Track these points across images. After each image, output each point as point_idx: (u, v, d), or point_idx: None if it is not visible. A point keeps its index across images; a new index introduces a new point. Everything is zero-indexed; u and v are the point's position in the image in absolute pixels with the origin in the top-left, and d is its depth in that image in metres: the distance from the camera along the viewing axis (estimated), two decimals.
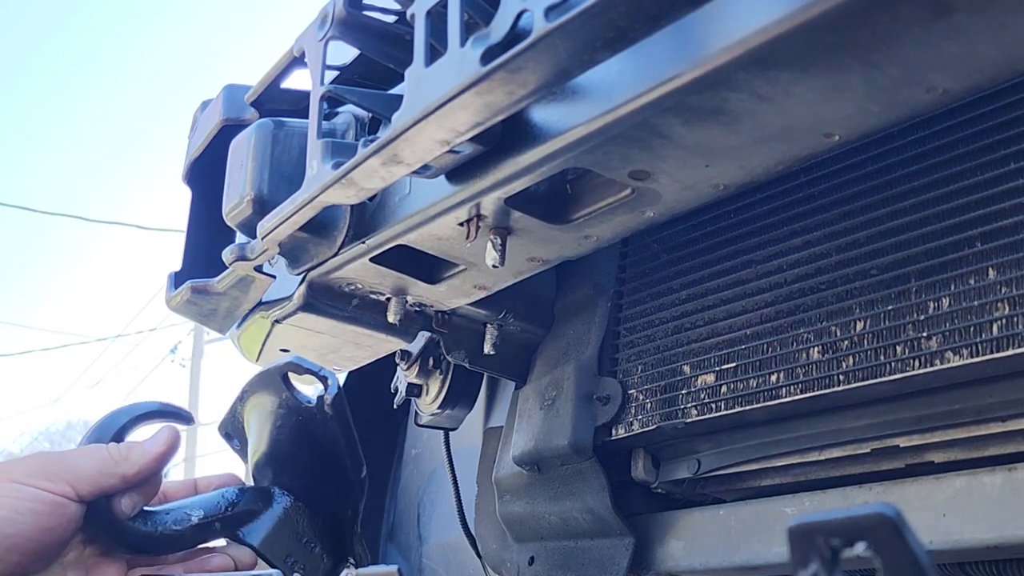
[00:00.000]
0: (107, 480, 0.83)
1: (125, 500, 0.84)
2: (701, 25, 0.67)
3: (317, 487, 0.95)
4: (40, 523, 0.79)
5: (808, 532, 0.44)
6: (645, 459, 1.15)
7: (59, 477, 0.81)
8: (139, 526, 0.86)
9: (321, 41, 0.90)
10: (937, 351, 0.86)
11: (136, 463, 0.85)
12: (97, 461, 0.83)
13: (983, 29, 0.61)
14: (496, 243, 0.97)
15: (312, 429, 0.94)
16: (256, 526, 0.91)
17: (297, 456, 0.95)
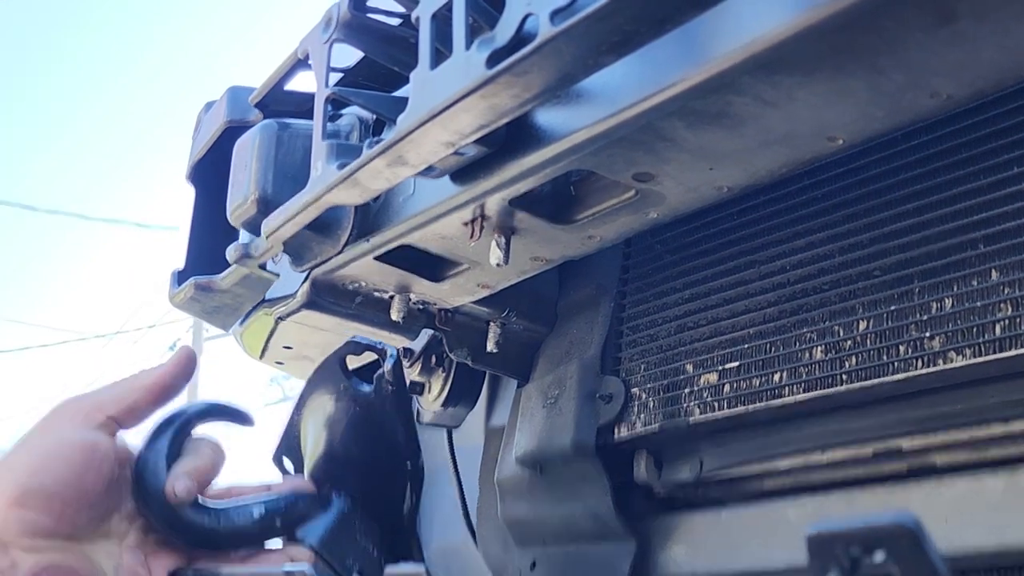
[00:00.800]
0: (131, 395, 0.82)
1: (179, 484, 0.81)
2: (706, 29, 0.67)
3: (374, 486, 0.95)
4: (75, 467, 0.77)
5: (827, 540, 0.44)
6: (647, 460, 1.15)
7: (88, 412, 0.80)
8: (201, 520, 0.85)
9: (326, 43, 0.90)
10: (940, 351, 0.86)
11: (152, 374, 0.85)
12: (114, 386, 0.83)
13: (987, 35, 0.61)
14: (500, 242, 0.98)
15: (370, 419, 0.93)
16: (315, 527, 0.90)
17: (355, 455, 0.95)
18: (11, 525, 0.73)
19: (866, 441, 0.96)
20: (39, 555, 0.74)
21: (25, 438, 0.79)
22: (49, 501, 0.75)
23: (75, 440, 0.78)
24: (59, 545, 0.75)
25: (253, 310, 1.33)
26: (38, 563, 0.73)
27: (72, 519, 0.76)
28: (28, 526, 0.73)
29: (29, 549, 0.73)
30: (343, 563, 0.90)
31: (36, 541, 0.74)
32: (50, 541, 0.74)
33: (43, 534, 0.74)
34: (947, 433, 0.90)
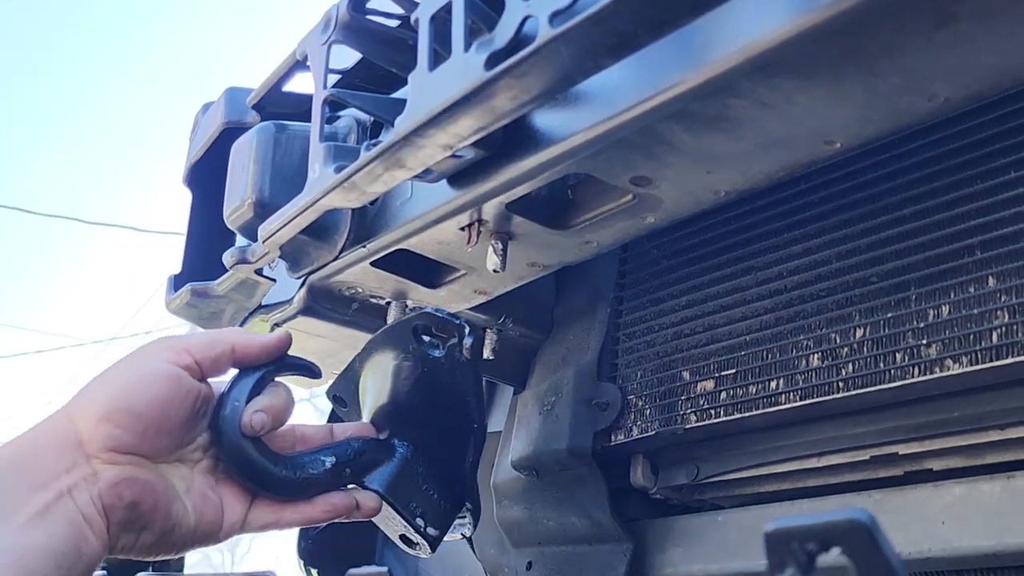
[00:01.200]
0: (217, 348, 0.87)
1: (256, 417, 0.87)
2: (704, 32, 0.67)
3: (436, 437, 0.97)
4: (161, 391, 0.82)
5: (784, 537, 0.45)
6: (644, 465, 1.15)
7: (179, 349, 0.85)
8: (278, 470, 0.89)
9: (324, 45, 0.90)
10: (936, 359, 0.86)
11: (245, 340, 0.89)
12: (207, 335, 0.89)
13: (985, 38, 0.62)
14: (497, 248, 0.97)
15: (437, 379, 0.96)
16: (380, 473, 0.94)
17: (418, 407, 0.98)
18: (97, 438, 0.79)
19: (862, 447, 0.96)
20: (119, 467, 0.80)
21: (117, 363, 0.85)
22: (134, 420, 0.81)
23: (164, 371, 0.83)
24: (137, 461, 0.81)
25: (250, 315, 1.33)
26: (117, 475, 0.79)
27: (152, 440, 0.82)
28: (112, 440, 0.80)
29: (109, 461, 0.79)
30: (407, 507, 0.94)
31: (117, 456, 0.80)
32: (129, 457, 0.80)
33: (124, 449, 0.80)
34: (943, 439, 0.90)
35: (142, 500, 0.81)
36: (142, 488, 0.81)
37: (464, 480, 0.97)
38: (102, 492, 0.79)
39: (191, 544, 0.86)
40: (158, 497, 0.82)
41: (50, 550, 0.74)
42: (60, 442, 0.80)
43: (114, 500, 0.79)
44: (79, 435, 0.80)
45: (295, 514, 0.91)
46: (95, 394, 0.82)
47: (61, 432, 0.80)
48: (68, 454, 0.79)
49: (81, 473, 0.78)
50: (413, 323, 0.95)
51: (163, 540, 0.84)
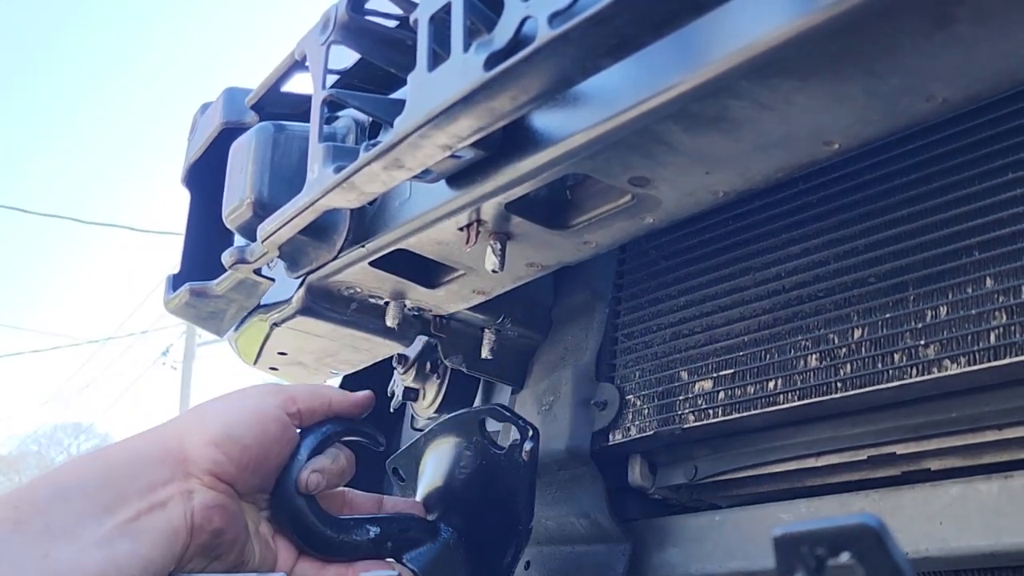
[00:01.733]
0: (318, 402, 0.92)
1: (312, 477, 0.90)
2: (704, 33, 0.67)
3: (481, 529, 1.00)
4: (266, 431, 0.87)
5: (793, 541, 0.45)
6: (642, 465, 1.15)
7: (284, 395, 0.90)
8: (324, 530, 0.92)
9: (323, 45, 0.90)
10: (935, 359, 0.86)
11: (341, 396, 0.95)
12: (311, 387, 0.94)
13: (984, 39, 0.62)
14: (496, 248, 0.97)
15: (493, 474, 0.99)
16: (421, 553, 0.97)
17: (470, 497, 1.01)
18: (203, 459, 0.84)
19: (860, 447, 0.96)
20: (215, 493, 0.84)
21: (232, 396, 0.90)
22: (241, 453, 0.85)
23: (275, 415, 0.88)
24: (230, 492, 0.85)
25: (248, 316, 1.33)
26: (213, 499, 0.83)
27: (249, 477, 0.86)
28: (216, 466, 0.84)
29: (208, 485, 0.84)
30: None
31: (216, 481, 0.84)
32: (225, 486, 0.85)
33: (224, 478, 0.84)
34: (941, 439, 0.90)
35: (227, 529, 0.84)
36: (230, 518, 0.85)
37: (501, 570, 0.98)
38: (195, 510, 0.82)
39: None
40: (239, 532, 0.86)
41: (140, 555, 0.77)
42: (164, 454, 0.84)
43: (203, 522, 0.83)
44: (185, 452, 0.84)
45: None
46: (209, 419, 0.87)
47: (168, 445, 0.84)
48: (169, 467, 0.83)
49: (179, 488, 0.82)
50: (481, 415, 0.99)
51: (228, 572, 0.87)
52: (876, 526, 0.43)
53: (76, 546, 0.75)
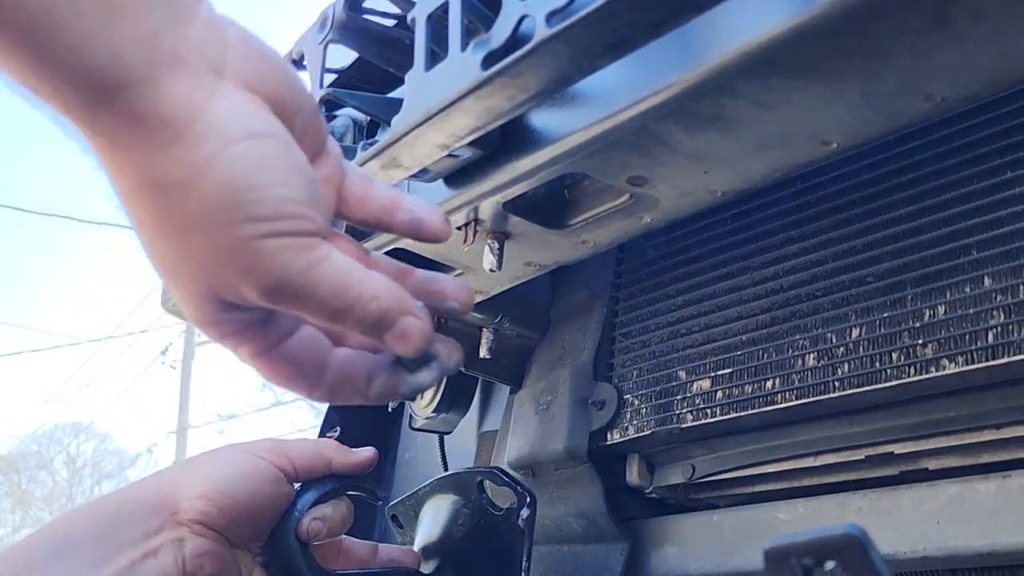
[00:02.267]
0: (317, 461, 0.92)
1: (313, 524, 0.90)
2: (701, 32, 0.67)
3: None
4: (258, 486, 0.88)
5: (782, 552, 0.48)
6: (640, 464, 1.15)
7: (280, 453, 0.90)
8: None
9: (320, 44, 0.90)
10: (932, 358, 0.86)
11: (342, 456, 0.94)
12: (311, 447, 0.93)
13: (983, 38, 0.62)
14: (494, 247, 0.97)
15: (490, 533, 1.00)
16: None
17: (467, 553, 1.02)
18: (192, 510, 0.84)
19: (858, 446, 0.96)
20: (204, 540, 0.85)
21: (228, 451, 0.91)
22: (231, 506, 0.86)
23: (268, 472, 0.89)
24: (220, 539, 0.86)
25: None
26: (202, 546, 0.84)
27: (239, 528, 0.87)
28: (205, 516, 0.84)
29: (198, 533, 0.85)
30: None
31: (205, 530, 0.85)
32: (215, 534, 0.86)
33: (213, 527, 0.85)
34: (939, 439, 0.90)
35: (219, 575, 0.86)
36: (221, 564, 0.86)
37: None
38: (187, 558, 0.84)
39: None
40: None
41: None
42: (157, 504, 0.85)
43: (195, 569, 0.84)
44: (176, 503, 0.85)
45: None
46: (201, 472, 0.88)
47: (161, 495, 0.86)
48: (159, 517, 0.84)
49: (169, 536, 0.83)
50: (480, 476, 1.00)
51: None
52: (859, 535, 0.46)
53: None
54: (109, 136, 0.56)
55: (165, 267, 0.62)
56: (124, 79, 0.54)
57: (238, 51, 0.59)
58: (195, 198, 0.56)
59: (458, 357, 0.74)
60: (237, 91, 0.58)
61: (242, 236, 0.57)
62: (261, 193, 0.57)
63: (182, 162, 0.55)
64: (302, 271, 0.59)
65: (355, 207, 0.69)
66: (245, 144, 0.56)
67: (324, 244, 0.60)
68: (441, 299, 0.72)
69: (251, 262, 0.58)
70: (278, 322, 0.68)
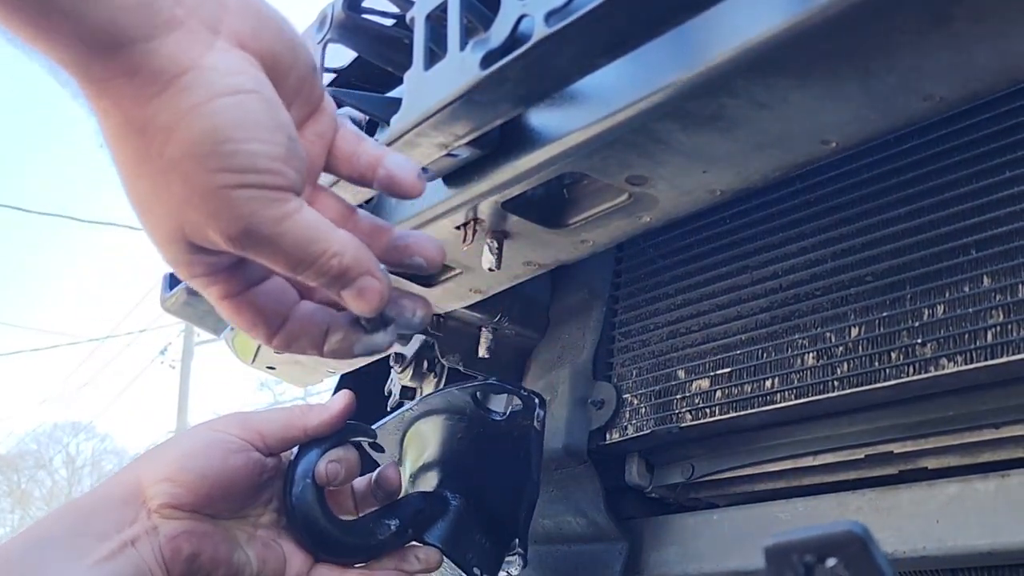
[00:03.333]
0: (291, 432, 0.90)
1: (331, 467, 0.89)
2: (700, 31, 0.67)
3: (489, 488, 1.00)
4: (229, 461, 0.85)
5: (783, 550, 0.48)
6: (639, 463, 1.15)
7: (249, 428, 0.88)
8: (348, 538, 0.92)
9: (319, 43, 0.90)
10: (931, 358, 0.86)
11: (316, 418, 0.91)
12: (282, 416, 0.91)
13: (981, 38, 0.62)
14: (493, 247, 0.97)
15: (495, 440, 0.98)
16: (438, 529, 0.97)
17: (472, 463, 1.00)
18: (158, 495, 0.84)
19: (857, 446, 0.96)
20: (177, 522, 0.84)
21: (190, 432, 0.89)
22: (198, 482, 0.84)
23: (232, 444, 0.87)
24: (197, 517, 0.85)
25: None
26: (175, 528, 0.83)
27: (215, 503, 0.85)
28: (171, 498, 0.83)
29: (169, 516, 0.83)
30: (464, 559, 0.98)
31: (176, 511, 0.84)
32: (189, 513, 0.84)
33: (183, 507, 0.84)
34: (938, 438, 0.90)
35: (200, 552, 0.84)
36: (199, 540, 0.84)
37: (516, 524, 0.99)
38: (162, 545, 0.83)
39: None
40: (217, 547, 0.86)
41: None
42: (125, 496, 0.84)
43: (173, 553, 0.83)
44: (143, 491, 0.84)
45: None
46: (163, 456, 0.87)
47: (128, 487, 0.85)
48: (132, 508, 0.83)
49: (143, 526, 0.83)
50: (474, 390, 0.97)
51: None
52: (861, 533, 0.45)
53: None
54: (101, 86, 0.58)
55: (141, 206, 0.64)
56: (120, 40, 0.56)
57: (235, 10, 0.61)
58: (175, 143, 0.59)
59: (423, 314, 0.74)
60: (231, 49, 0.60)
61: (215, 184, 0.59)
62: (237, 146, 0.59)
63: (167, 109, 0.58)
64: (268, 223, 0.61)
65: (343, 163, 0.70)
66: (229, 99, 0.59)
67: (295, 200, 0.62)
68: (408, 254, 0.72)
69: (220, 209, 0.60)
70: (247, 269, 0.70)
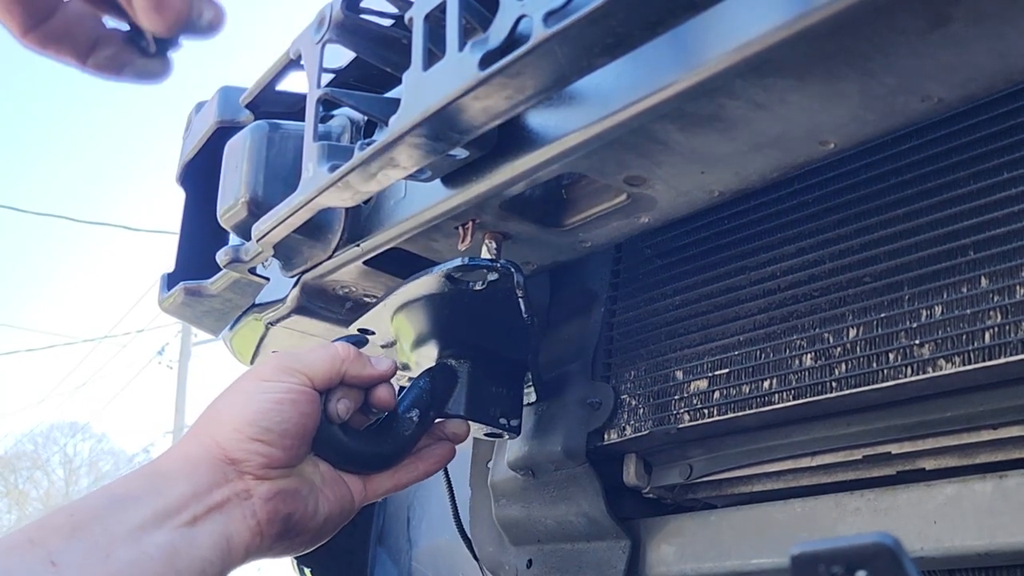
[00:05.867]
0: (332, 375, 0.93)
1: (341, 405, 0.93)
2: (699, 32, 0.67)
3: (490, 342, 1.03)
4: (300, 409, 0.88)
5: (810, 560, 0.47)
6: (637, 464, 1.15)
7: (298, 371, 0.90)
8: (380, 449, 0.96)
9: (318, 44, 0.90)
10: (929, 359, 0.86)
11: (357, 372, 0.94)
12: (329, 358, 0.93)
13: (979, 39, 0.62)
14: (491, 247, 0.97)
15: (482, 305, 0.99)
16: (456, 399, 1.01)
17: (465, 327, 1.03)
18: (251, 456, 0.86)
19: (855, 446, 0.96)
20: (271, 482, 0.87)
21: (243, 385, 0.91)
22: (282, 438, 0.87)
23: (305, 394, 0.89)
24: (284, 472, 0.88)
25: (243, 315, 1.33)
26: (270, 490, 0.86)
27: (298, 452, 0.89)
28: (266, 459, 0.86)
29: (263, 477, 0.86)
30: (488, 415, 1.02)
31: (268, 471, 0.87)
32: (278, 471, 0.87)
33: (275, 465, 0.87)
34: (936, 439, 0.90)
35: (295, 510, 0.88)
36: (293, 499, 0.88)
37: (524, 364, 1.03)
38: (257, 508, 0.85)
39: (334, 528, 0.94)
40: (306, 502, 0.90)
41: (197, 556, 0.80)
42: (207, 458, 0.85)
43: (271, 515, 0.86)
44: (227, 454, 0.86)
45: (410, 475, 0.99)
46: (235, 416, 0.88)
47: (207, 449, 0.86)
48: (220, 470, 0.85)
49: (233, 489, 0.85)
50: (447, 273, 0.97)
51: (314, 537, 0.92)
52: (892, 545, 0.44)
53: (137, 548, 0.77)
54: None
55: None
56: None
57: None
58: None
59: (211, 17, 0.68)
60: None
61: None
62: None
63: None
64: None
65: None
66: None
67: None
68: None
69: None
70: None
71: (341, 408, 0.93)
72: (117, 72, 0.69)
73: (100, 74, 0.69)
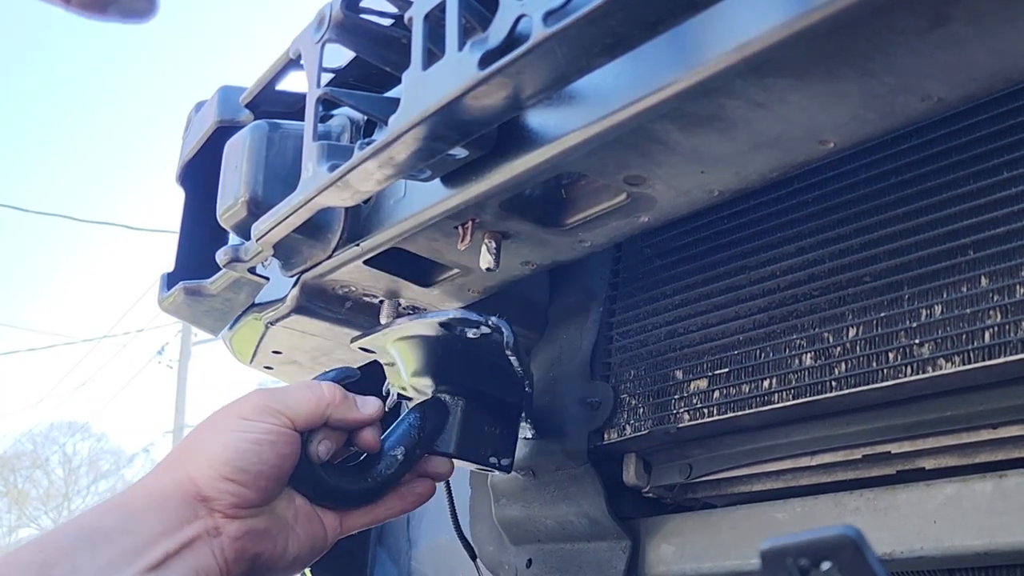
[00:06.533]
0: (315, 418, 0.92)
1: (322, 446, 0.92)
2: (698, 32, 0.67)
3: (484, 384, 1.02)
4: (278, 451, 0.88)
5: (778, 553, 0.49)
6: (636, 464, 1.15)
7: (280, 412, 0.89)
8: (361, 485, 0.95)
9: (318, 44, 0.90)
10: (929, 358, 0.86)
11: (341, 416, 0.93)
12: (313, 400, 0.92)
13: (979, 39, 0.62)
14: (491, 247, 0.97)
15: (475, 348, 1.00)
16: (445, 436, 0.99)
17: (459, 367, 1.02)
18: (223, 495, 0.85)
19: (855, 446, 0.96)
20: (240, 521, 0.86)
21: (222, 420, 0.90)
22: (257, 479, 0.86)
23: (278, 435, 0.88)
24: (255, 512, 0.87)
25: (242, 314, 1.33)
26: (239, 529, 0.85)
27: (272, 492, 0.88)
28: (236, 498, 0.85)
29: (232, 516, 0.85)
30: (478, 455, 1.01)
31: (238, 511, 0.86)
32: (250, 511, 0.87)
33: (246, 505, 0.86)
34: (936, 438, 0.90)
35: (263, 550, 0.87)
36: (263, 539, 0.87)
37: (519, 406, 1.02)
38: (225, 546, 0.85)
39: (304, 564, 0.93)
40: (275, 542, 0.89)
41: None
42: (181, 493, 0.85)
43: (238, 554, 0.85)
44: (200, 491, 0.85)
45: (388, 511, 0.98)
46: (211, 452, 0.87)
47: (181, 486, 0.85)
48: (190, 507, 0.84)
49: (203, 526, 0.84)
50: (442, 323, 0.99)
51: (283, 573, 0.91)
52: (855, 537, 0.46)
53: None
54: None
55: None
56: None
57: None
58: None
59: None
60: None
61: None
62: None
63: None
64: None
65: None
66: None
67: None
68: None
69: None
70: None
71: (322, 449, 0.92)
72: (101, 11, 0.67)
73: (84, 13, 0.67)
